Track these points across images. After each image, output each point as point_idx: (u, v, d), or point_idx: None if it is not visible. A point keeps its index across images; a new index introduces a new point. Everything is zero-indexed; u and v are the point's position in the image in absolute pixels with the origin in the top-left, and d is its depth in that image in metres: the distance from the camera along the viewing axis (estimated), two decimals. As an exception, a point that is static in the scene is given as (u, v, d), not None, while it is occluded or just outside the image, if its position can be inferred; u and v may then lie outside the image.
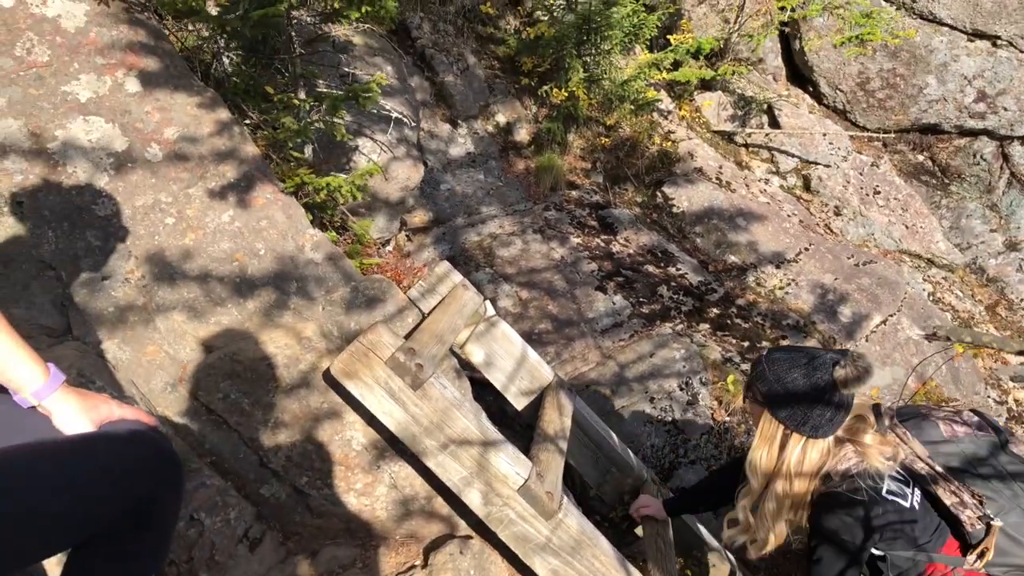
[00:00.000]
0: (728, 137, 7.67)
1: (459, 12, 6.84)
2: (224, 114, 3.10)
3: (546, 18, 6.83)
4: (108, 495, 1.42)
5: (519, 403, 3.31)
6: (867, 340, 5.38)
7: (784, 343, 5.02)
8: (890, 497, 2.13)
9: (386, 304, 2.97)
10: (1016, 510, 2.14)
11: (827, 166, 7.50)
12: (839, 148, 7.65)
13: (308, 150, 3.88)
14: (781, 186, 7.38)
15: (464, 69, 6.60)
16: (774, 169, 7.53)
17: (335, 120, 3.67)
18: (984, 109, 7.69)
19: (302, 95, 3.69)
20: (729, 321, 5.09)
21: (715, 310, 5.21)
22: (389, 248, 5.04)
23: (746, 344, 4.88)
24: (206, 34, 3.80)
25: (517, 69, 6.90)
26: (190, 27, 3.83)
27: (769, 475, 2.29)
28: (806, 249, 6.10)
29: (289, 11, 3.33)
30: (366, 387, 2.30)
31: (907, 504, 2.15)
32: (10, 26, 2.71)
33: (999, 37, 7.65)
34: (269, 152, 3.67)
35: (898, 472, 2.19)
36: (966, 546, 2.20)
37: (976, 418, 2.28)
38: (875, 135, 8.02)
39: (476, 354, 3.26)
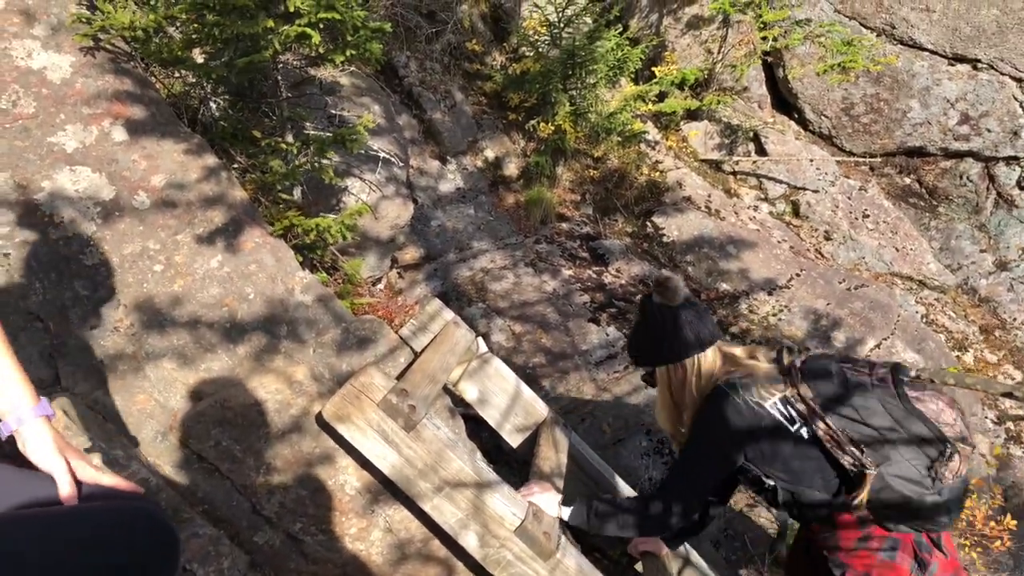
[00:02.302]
0: (716, 165, 7.72)
1: (445, 50, 6.91)
2: (211, 159, 3.11)
3: (531, 54, 6.90)
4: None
5: (514, 440, 3.29)
6: (862, 364, 5.36)
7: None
8: (773, 411, 2.24)
9: (378, 344, 2.96)
10: (899, 460, 2.18)
11: (815, 191, 7.55)
12: (826, 173, 7.70)
13: (297, 192, 3.89)
14: (770, 212, 7.42)
15: (452, 106, 6.65)
16: (762, 196, 7.58)
17: (323, 162, 3.68)
18: (968, 131, 7.76)
19: (289, 138, 3.70)
20: (723, 349, 5.08)
21: (709, 339, 5.20)
22: (380, 286, 5.04)
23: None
24: (192, 80, 3.82)
25: (504, 105, 6.95)
26: (176, 74, 3.85)
27: (678, 421, 2.44)
28: (797, 275, 6.11)
29: (275, 57, 3.36)
30: (359, 430, 2.29)
31: (792, 429, 2.24)
32: (-4, 79, 2.72)
33: (979, 60, 7.74)
34: (258, 195, 3.68)
35: (785, 401, 2.27)
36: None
37: (883, 371, 2.30)
38: (861, 159, 8.08)
39: (470, 392, 3.24)
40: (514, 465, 3.73)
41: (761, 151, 7.74)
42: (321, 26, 3.19)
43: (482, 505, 2.31)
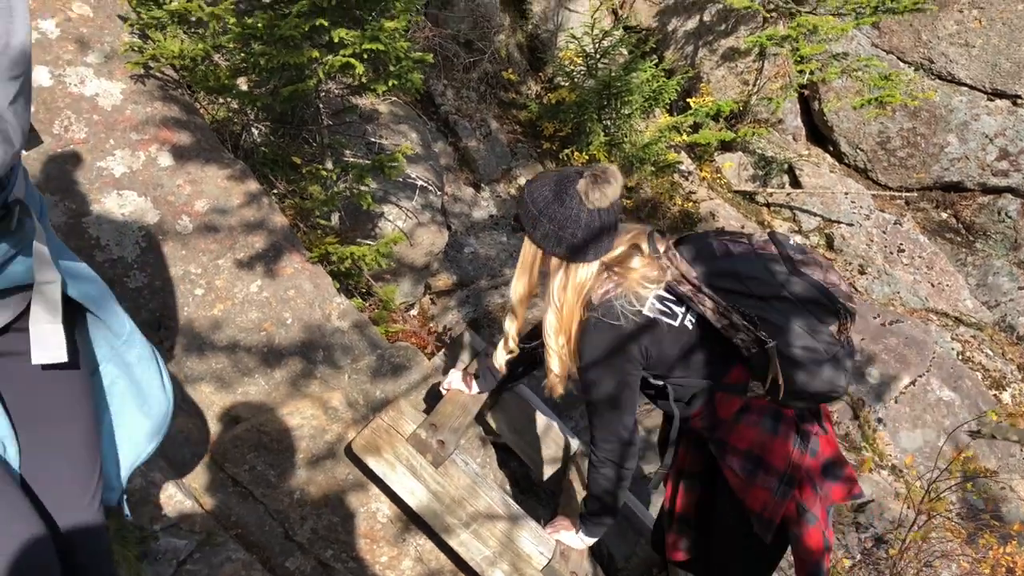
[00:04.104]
0: (749, 197, 7.69)
1: (482, 79, 6.98)
2: (253, 185, 3.17)
3: (567, 84, 6.95)
4: None
5: (543, 472, 3.28)
6: (896, 401, 5.30)
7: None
8: (653, 316, 2.10)
9: (411, 372, 2.98)
10: (792, 329, 2.03)
11: (850, 224, 7.48)
12: (861, 207, 7.64)
13: (335, 218, 3.94)
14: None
15: (487, 134, 6.71)
16: (796, 228, 7.53)
17: (361, 189, 3.73)
18: (1007, 167, 7.67)
19: (329, 165, 3.76)
20: (755, 384, 5.03)
21: (741, 372, 5.15)
22: (414, 312, 5.07)
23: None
24: (235, 107, 3.90)
25: (539, 133, 6.99)
26: (220, 100, 3.93)
27: (525, 301, 2.29)
28: (831, 309, 6.04)
29: (318, 86, 3.42)
30: (388, 465, 2.30)
31: (676, 323, 2.13)
32: (49, 104, 2.80)
33: (1019, 96, 7.66)
34: (297, 221, 3.73)
35: (666, 293, 2.14)
36: (750, 372, 2.16)
37: (763, 239, 2.18)
38: (897, 193, 8.01)
39: (500, 422, 3.24)
40: (542, 495, 3.71)
41: (795, 183, 7.71)
42: (365, 56, 3.25)
43: (509, 543, 2.30)
